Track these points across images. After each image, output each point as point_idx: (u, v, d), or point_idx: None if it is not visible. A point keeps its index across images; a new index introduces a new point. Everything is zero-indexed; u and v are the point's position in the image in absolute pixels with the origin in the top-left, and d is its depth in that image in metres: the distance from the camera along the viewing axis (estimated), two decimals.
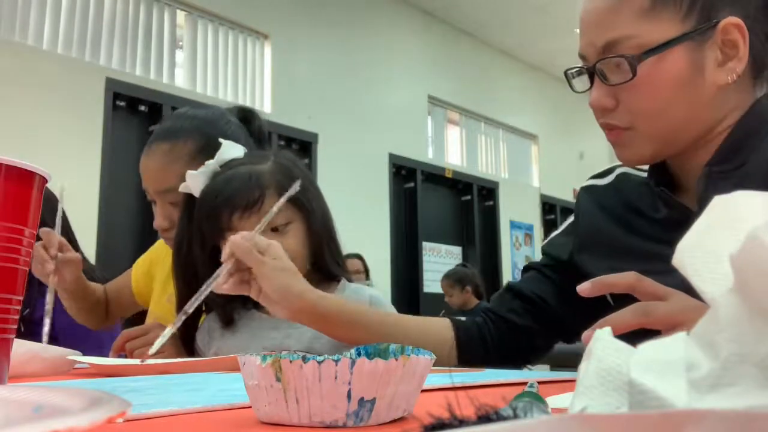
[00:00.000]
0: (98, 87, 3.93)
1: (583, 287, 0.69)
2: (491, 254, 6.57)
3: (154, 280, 1.45)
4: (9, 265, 0.51)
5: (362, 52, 5.63)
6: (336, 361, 0.38)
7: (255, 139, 1.30)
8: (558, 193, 7.46)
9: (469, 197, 6.51)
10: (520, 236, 6.97)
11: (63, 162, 3.56)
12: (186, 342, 1.14)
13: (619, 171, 0.99)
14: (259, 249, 0.88)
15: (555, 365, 2.62)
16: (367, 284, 2.63)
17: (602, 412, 0.23)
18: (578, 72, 0.89)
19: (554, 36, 6.44)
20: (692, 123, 0.82)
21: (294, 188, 0.95)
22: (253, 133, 1.32)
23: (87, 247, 3.50)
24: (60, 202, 1.31)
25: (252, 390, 0.41)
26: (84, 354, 1.01)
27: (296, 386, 0.38)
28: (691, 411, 0.17)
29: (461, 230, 6.47)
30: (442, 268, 4.99)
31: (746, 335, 0.21)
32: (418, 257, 5.84)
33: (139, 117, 4.15)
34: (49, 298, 1.22)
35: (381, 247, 5.42)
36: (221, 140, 1.13)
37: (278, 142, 4.77)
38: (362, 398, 0.38)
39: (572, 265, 0.96)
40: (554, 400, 0.44)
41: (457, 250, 6.34)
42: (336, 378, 0.38)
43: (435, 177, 6.17)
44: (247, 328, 1.09)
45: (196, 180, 1.09)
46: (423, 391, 0.45)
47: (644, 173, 0.93)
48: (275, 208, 0.94)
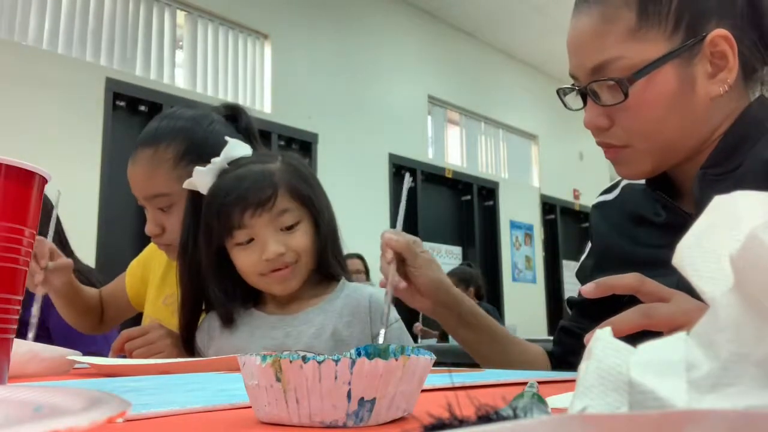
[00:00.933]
0: (98, 87, 3.93)
1: (587, 288, 0.69)
2: (491, 254, 6.57)
3: (149, 284, 1.44)
4: (9, 265, 0.51)
5: (362, 52, 5.63)
6: (336, 361, 0.38)
7: (244, 137, 1.27)
8: (558, 193, 7.46)
9: (469, 197, 6.52)
10: (520, 236, 6.97)
11: (63, 162, 3.56)
12: (186, 342, 1.14)
13: (624, 183, 1.00)
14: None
15: None
16: (370, 284, 2.63)
17: (602, 412, 0.23)
18: (570, 90, 0.89)
19: (554, 36, 6.44)
20: (689, 136, 0.82)
21: (407, 183, 0.98)
22: (241, 131, 1.30)
23: (87, 248, 3.52)
24: (55, 208, 1.31)
25: (252, 390, 0.41)
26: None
27: (296, 386, 0.38)
28: (691, 411, 0.17)
29: (461, 230, 6.47)
30: (443, 268, 4.98)
31: (746, 335, 0.21)
32: None
33: (139, 117, 4.15)
34: (35, 310, 1.21)
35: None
36: (228, 139, 1.12)
37: (278, 142, 4.77)
38: (362, 398, 0.38)
39: None
40: (554, 400, 0.44)
41: (457, 250, 6.34)
42: (336, 378, 0.38)
43: (435, 177, 6.17)
44: (247, 328, 1.09)
45: (203, 177, 1.08)
46: (423, 391, 0.45)
47: None
48: (401, 210, 0.98)
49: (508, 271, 6.71)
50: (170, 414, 0.44)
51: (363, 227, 5.00)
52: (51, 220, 1.27)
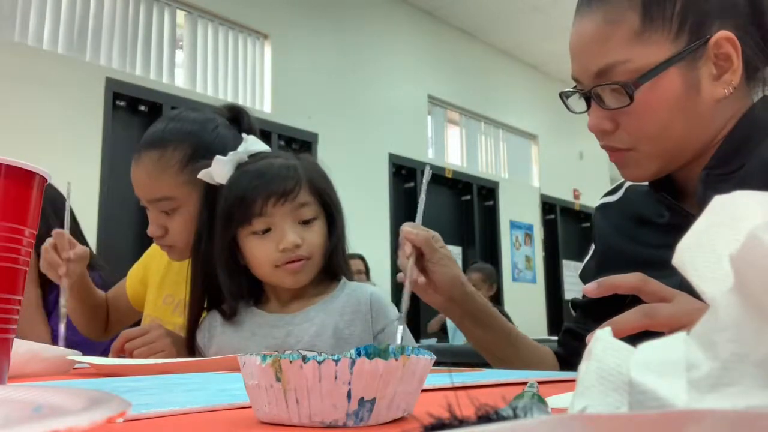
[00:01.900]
0: (98, 87, 3.93)
1: (589, 288, 0.68)
2: (491, 254, 6.56)
3: (148, 284, 1.44)
4: (9, 265, 0.51)
5: (362, 52, 5.63)
6: (336, 361, 0.38)
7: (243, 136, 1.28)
8: (558, 193, 7.45)
9: (469, 197, 6.51)
10: (520, 236, 6.97)
11: (63, 162, 3.55)
12: (186, 341, 1.14)
13: (628, 184, 0.99)
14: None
15: None
16: (371, 284, 2.63)
17: (602, 412, 0.23)
18: (573, 93, 0.89)
19: (554, 36, 6.44)
20: (694, 138, 0.82)
21: (427, 174, 0.98)
22: (244, 131, 1.31)
23: None
24: (68, 200, 1.32)
25: (252, 390, 0.41)
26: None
27: (296, 386, 0.38)
28: (691, 411, 0.17)
29: (461, 230, 6.46)
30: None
31: (746, 335, 0.21)
32: None
33: (139, 117, 4.15)
34: (64, 300, 1.25)
35: (381, 247, 5.41)
36: (244, 135, 1.15)
37: (278, 142, 4.76)
38: (362, 398, 0.38)
39: None
40: (554, 400, 0.44)
41: (457, 250, 6.34)
42: (336, 378, 0.38)
43: (435, 177, 6.16)
44: (249, 326, 1.09)
45: (222, 167, 1.09)
46: (423, 391, 0.45)
47: None
48: (421, 202, 0.99)
49: (508, 271, 6.70)
50: (170, 414, 0.44)
51: (363, 227, 5.01)
52: (66, 213, 1.30)
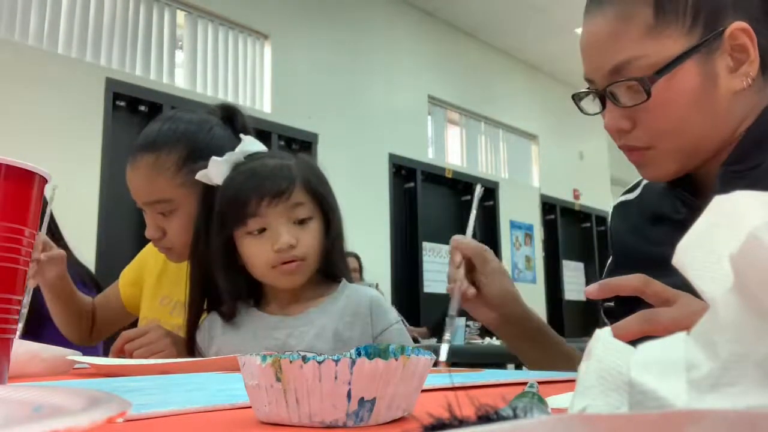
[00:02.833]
0: (98, 87, 3.93)
1: (591, 289, 0.68)
2: None
3: (144, 285, 1.44)
4: (9, 265, 0.51)
5: (362, 53, 5.63)
6: (336, 361, 0.38)
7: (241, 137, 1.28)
8: (558, 193, 7.45)
9: (469, 197, 6.51)
10: (520, 236, 6.97)
11: (63, 162, 3.55)
12: (186, 342, 1.14)
13: (645, 182, 0.98)
14: None
15: None
16: (368, 284, 2.63)
17: (602, 412, 0.23)
18: (586, 95, 0.87)
19: (554, 36, 6.44)
20: (713, 133, 0.80)
21: (479, 192, 0.97)
22: (238, 131, 1.31)
23: (87, 248, 3.51)
24: (49, 204, 1.32)
25: (252, 390, 0.41)
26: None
27: (296, 386, 0.38)
28: (691, 411, 0.17)
29: (461, 230, 6.40)
30: (442, 268, 4.99)
31: (746, 335, 0.21)
32: (418, 257, 5.83)
33: (139, 117, 4.15)
34: (26, 300, 1.21)
35: (381, 247, 5.41)
36: (242, 136, 1.15)
37: (278, 142, 4.76)
38: (362, 398, 0.38)
39: None
40: (554, 400, 0.44)
41: None
42: (336, 378, 0.38)
43: (435, 177, 6.16)
44: (249, 328, 1.09)
45: (219, 167, 1.09)
46: (423, 391, 0.45)
47: None
48: (472, 218, 0.97)
49: (508, 271, 6.70)
50: (170, 414, 0.44)
51: (363, 227, 5.01)
52: (45, 216, 1.30)
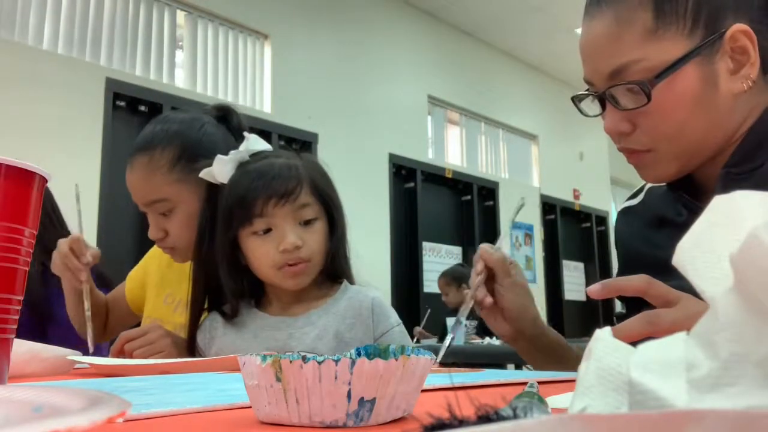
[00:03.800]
0: (98, 87, 3.93)
1: (593, 289, 0.68)
2: None
3: (147, 285, 1.45)
4: (9, 265, 0.51)
5: (362, 53, 5.63)
6: (336, 361, 0.38)
7: (236, 135, 1.27)
8: (558, 193, 7.45)
9: (469, 197, 6.51)
10: (520, 236, 6.97)
11: (63, 162, 3.55)
12: (187, 342, 1.14)
13: (648, 186, 0.98)
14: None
15: None
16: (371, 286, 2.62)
17: (602, 412, 0.23)
18: (586, 96, 0.87)
19: (554, 36, 6.44)
20: (713, 135, 0.80)
21: (520, 204, 0.97)
22: (233, 130, 1.32)
23: None
24: (78, 203, 1.32)
25: (252, 390, 0.41)
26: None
27: (296, 386, 0.38)
28: (691, 411, 0.17)
29: (461, 230, 6.46)
30: (442, 269, 4.98)
31: (746, 335, 0.21)
32: (418, 257, 5.83)
33: (139, 117, 4.15)
34: (87, 305, 1.26)
35: (381, 247, 5.41)
36: (246, 134, 1.14)
37: (278, 142, 4.76)
38: (362, 398, 0.38)
39: None
40: (554, 400, 0.44)
41: (457, 250, 6.34)
42: (336, 378, 0.38)
43: (435, 177, 6.16)
44: (250, 328, 1.09)
45: (224, 166, 1.09)
46: (423, 391, 0.45)
47: None
48: (508, 229, 0.97)
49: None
50: (170, 414, 0.44)
51: (363, 227, 5.01)
52: (78, 218, 1.31)
